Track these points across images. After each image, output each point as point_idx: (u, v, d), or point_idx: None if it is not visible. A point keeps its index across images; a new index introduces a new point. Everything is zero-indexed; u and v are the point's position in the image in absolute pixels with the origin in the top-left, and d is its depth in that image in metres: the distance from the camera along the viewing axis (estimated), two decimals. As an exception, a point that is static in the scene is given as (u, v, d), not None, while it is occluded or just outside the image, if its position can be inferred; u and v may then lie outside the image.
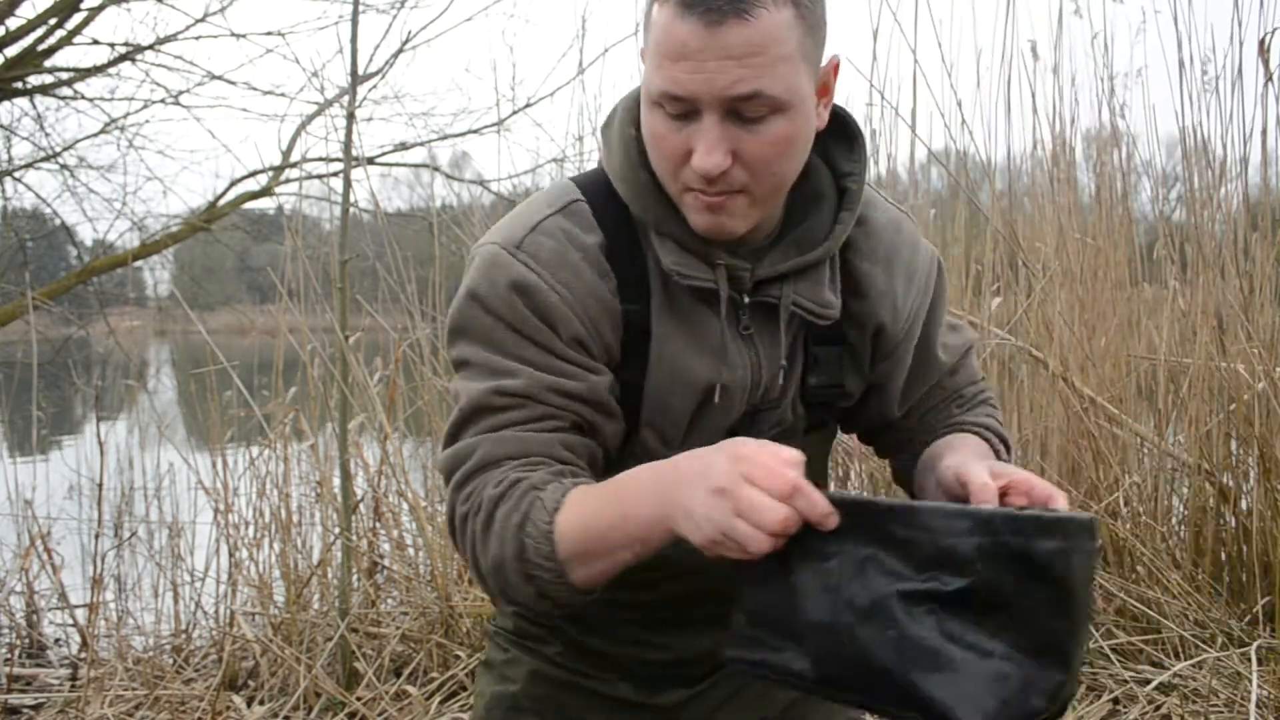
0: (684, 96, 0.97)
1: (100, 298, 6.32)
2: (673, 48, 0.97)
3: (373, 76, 4.81)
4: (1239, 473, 2.73)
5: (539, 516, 1.00)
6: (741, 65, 0.95)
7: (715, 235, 1.06)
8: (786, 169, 1.04)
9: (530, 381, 1.07)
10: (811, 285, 1.12)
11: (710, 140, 0.98)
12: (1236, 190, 2.94)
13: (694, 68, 0.96)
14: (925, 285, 1.21)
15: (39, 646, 3.14)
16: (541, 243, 1.09)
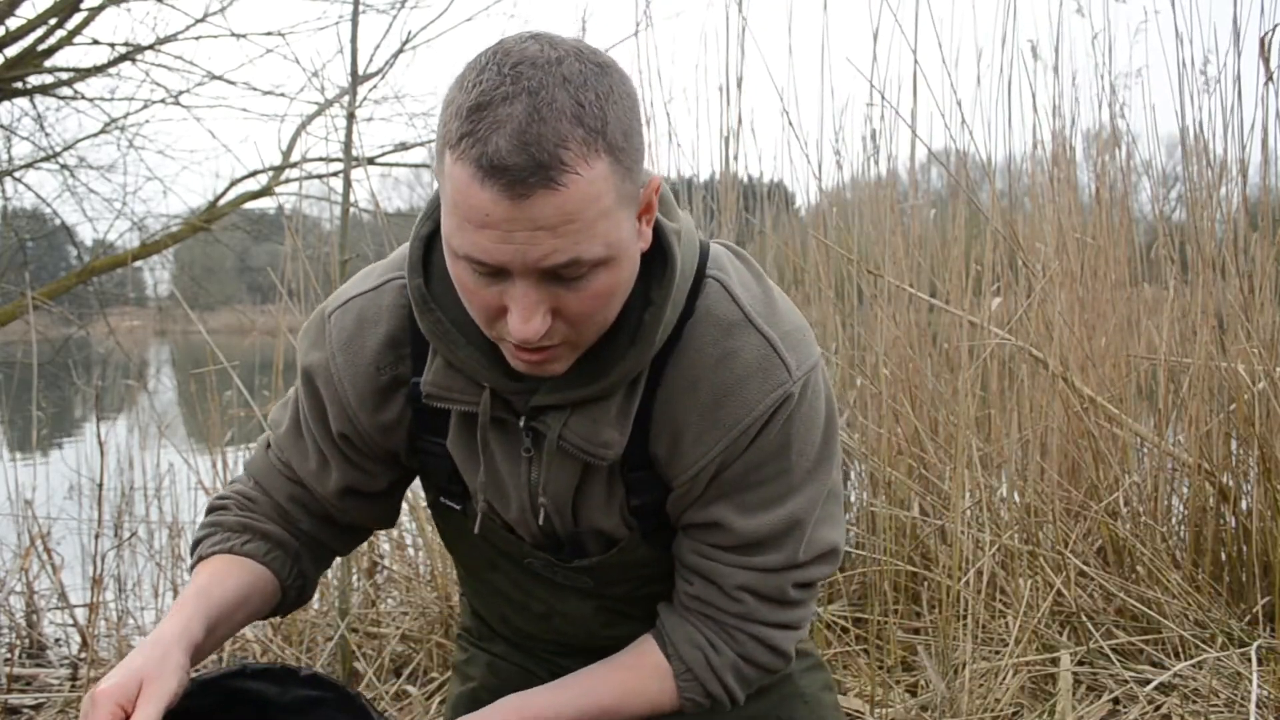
0: (491, 264, 0.88)
1: (100, 298, 6.31)
2: (472, 214, 0.86)
3: (373, 76, 4.81)
4: (1239, 473, 2.73)
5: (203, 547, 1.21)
6: (555, 236, 0.85)
7: (534, 375, 1.00)
8: (610, 314, 0.96)
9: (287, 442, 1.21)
10: (589, 421, 1.03)
11: (528, 306, 0.89)
12: (1236, 190, 2.93)
13: (500, 237, 0.86)
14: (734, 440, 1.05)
15: (39, 646, 3.14)
16: (341, 321, 1.13)
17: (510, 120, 0.83)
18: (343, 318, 1.12)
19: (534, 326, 0.90)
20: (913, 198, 3.40)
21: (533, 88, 0.84)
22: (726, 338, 1.04)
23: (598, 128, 0.85)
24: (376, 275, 1.14)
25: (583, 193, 0.85)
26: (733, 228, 3.28)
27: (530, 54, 0.86)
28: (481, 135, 0.83)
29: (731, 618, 1.12)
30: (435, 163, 0.93)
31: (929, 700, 2.27)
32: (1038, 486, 2.79)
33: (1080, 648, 2.43)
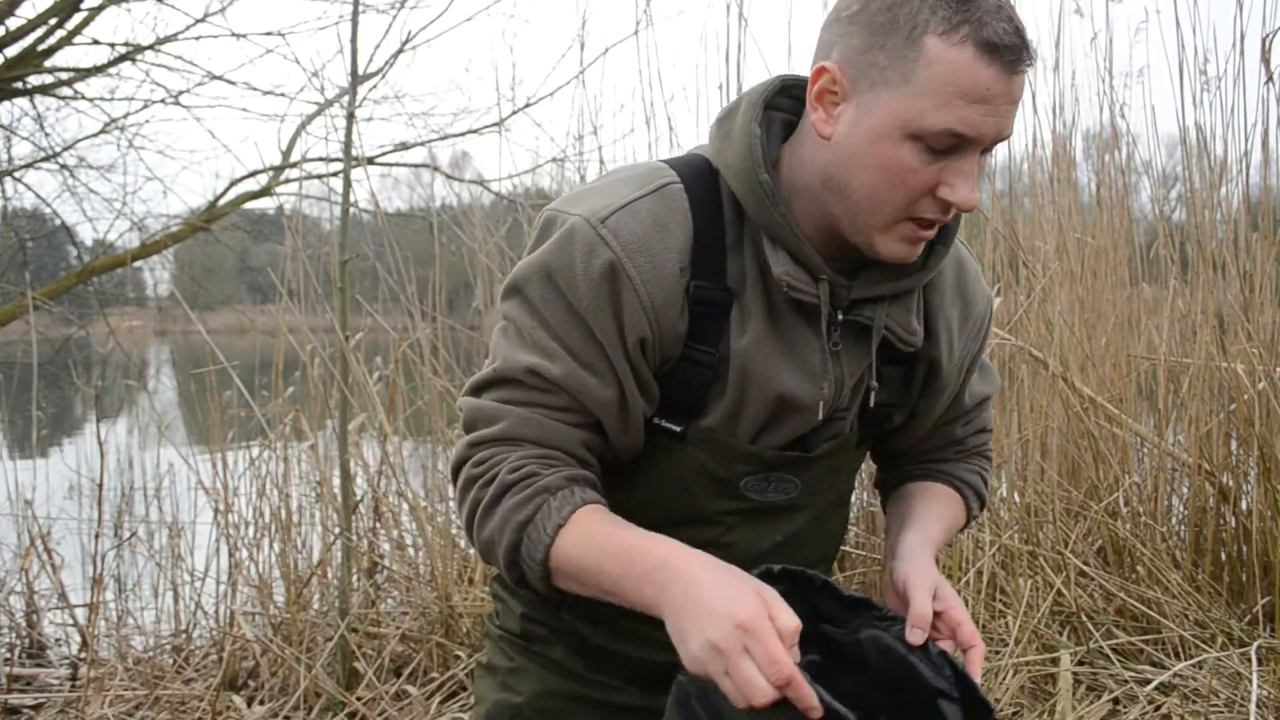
0: (971, 137, 0.98)
1: (100, 298, 6.32)
2: (971, 89, 0.96)
3: (373, 76, 4.81)
4: (1239, 473, 2.73)
5: (543, 524, 1.02)
6: (1009, 111, 0.99)
7: (899, 261, 1.07)
8: None
9: (568, 373, 1.06)
10: (903, 311, 1.14)
11: (974, 178, 1.01)
12: (1236, 190, 2.94)
13: (989, 110, 0.97)
14: (978, 330, 1.23)
15: (39, 646, 3.14)
16: (627, 224, 1.06)
17: (999, 11, 0.97)
18: (630, 220, 1.05)
19: (977, 194, 1.02)
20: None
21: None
22: (955, 249, 1.20)
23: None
24: (638, 182, 1.08)
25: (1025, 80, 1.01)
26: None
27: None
28: (981, 20, 0.96)
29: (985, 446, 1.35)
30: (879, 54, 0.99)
31: (929, 700, 2.27)
32: (1038, 486, 2.79)
33: (1080, 648, 2.43)
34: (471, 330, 3.66)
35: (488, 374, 1.10)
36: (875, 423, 1.21)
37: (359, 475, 3.04)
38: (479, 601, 2.71)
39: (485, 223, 3.71)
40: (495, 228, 3.69)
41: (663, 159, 1.14)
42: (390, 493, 3.11)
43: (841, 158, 1.02)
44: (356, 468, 3.01)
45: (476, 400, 1.10)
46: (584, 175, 3.66)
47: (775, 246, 1.08)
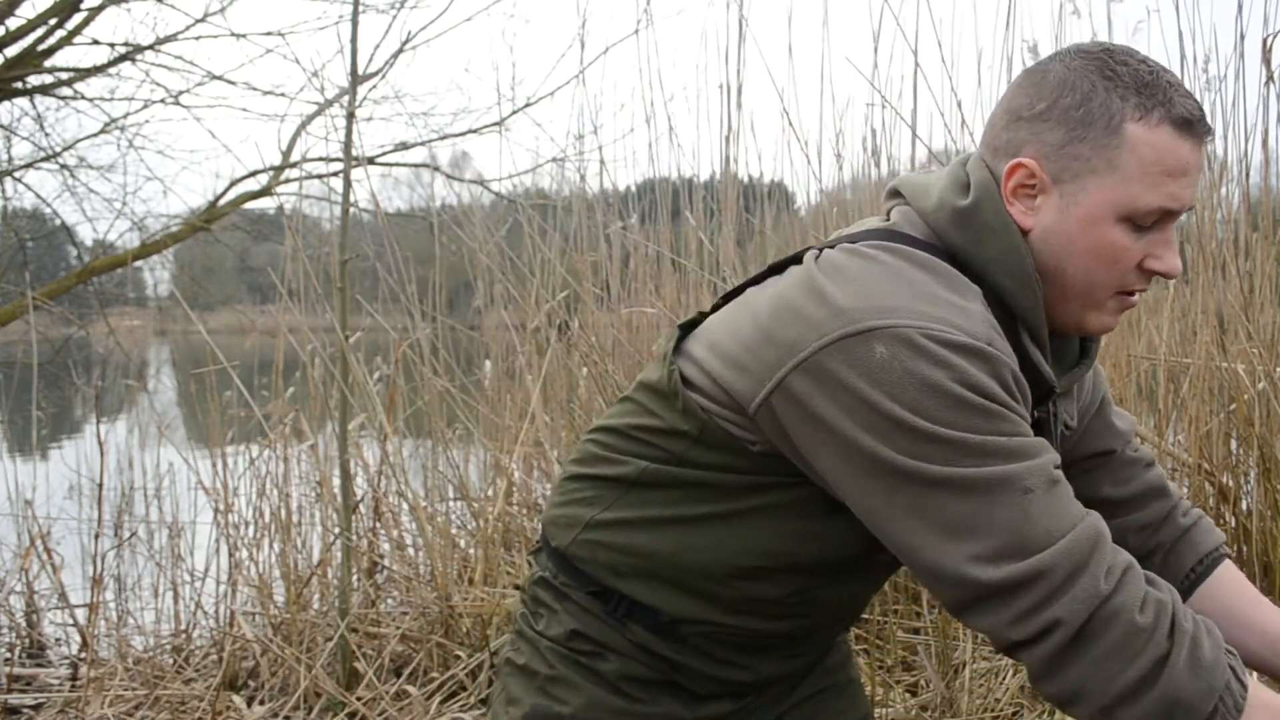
0: (1176, 210, 1.04)
1: (100, 298, 6.32)
2: (1174, 165, 1.02)
3: (373, 76, 4.82)
4: (1239, 473, 2.73)
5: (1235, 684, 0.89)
6: (1195, 182, 1.05)
7: (1107, 331, 1.12)
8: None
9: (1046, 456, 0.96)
10: (1070, 401, 1.18)
11: (1174, 246, 1.06)
12: (1236, 190, 2.94)
13: (1189, 182, 1.03)
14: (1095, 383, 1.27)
15: (39, 646, 3.14)
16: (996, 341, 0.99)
17: (1177, 87, 1.03)
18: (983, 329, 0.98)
19: (1179, 263, 1.07)
20: (913, 198, 3.40)
21: (1159, 68, 1.05)
22: None
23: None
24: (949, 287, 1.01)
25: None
26: (733, 228, 3.29)
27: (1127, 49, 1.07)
28: (1170, 100, 1.02)
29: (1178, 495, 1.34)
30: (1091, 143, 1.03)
31: (929, 700, 2.27)
32: (1038, 486, 2.78)
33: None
34: (472, 330, 3.66)
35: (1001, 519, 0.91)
36: None
37: (359, 475, 3.04)
38: (479, 601, 2.71)
39: (485, 223, 3.71)
40: (495, 228, 3.69)
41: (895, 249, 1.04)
42: (390, 493, 3.11)
43: (1052, 246, 1.06)
44: (356, 468, 3.01)
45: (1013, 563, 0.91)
46: (584, 175, 3.66)
47: (1034, 345, 1.09)
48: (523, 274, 3.43)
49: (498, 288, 3.54)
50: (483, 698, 2.51)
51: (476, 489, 3.42)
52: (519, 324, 3.43)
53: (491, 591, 2.72)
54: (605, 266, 3.44)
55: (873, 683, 2.29)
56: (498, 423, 3.37)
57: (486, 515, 2.98)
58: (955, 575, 0.92)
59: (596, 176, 5.47)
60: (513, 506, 3.21)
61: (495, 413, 3.41)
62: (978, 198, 1.07)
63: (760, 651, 1.19)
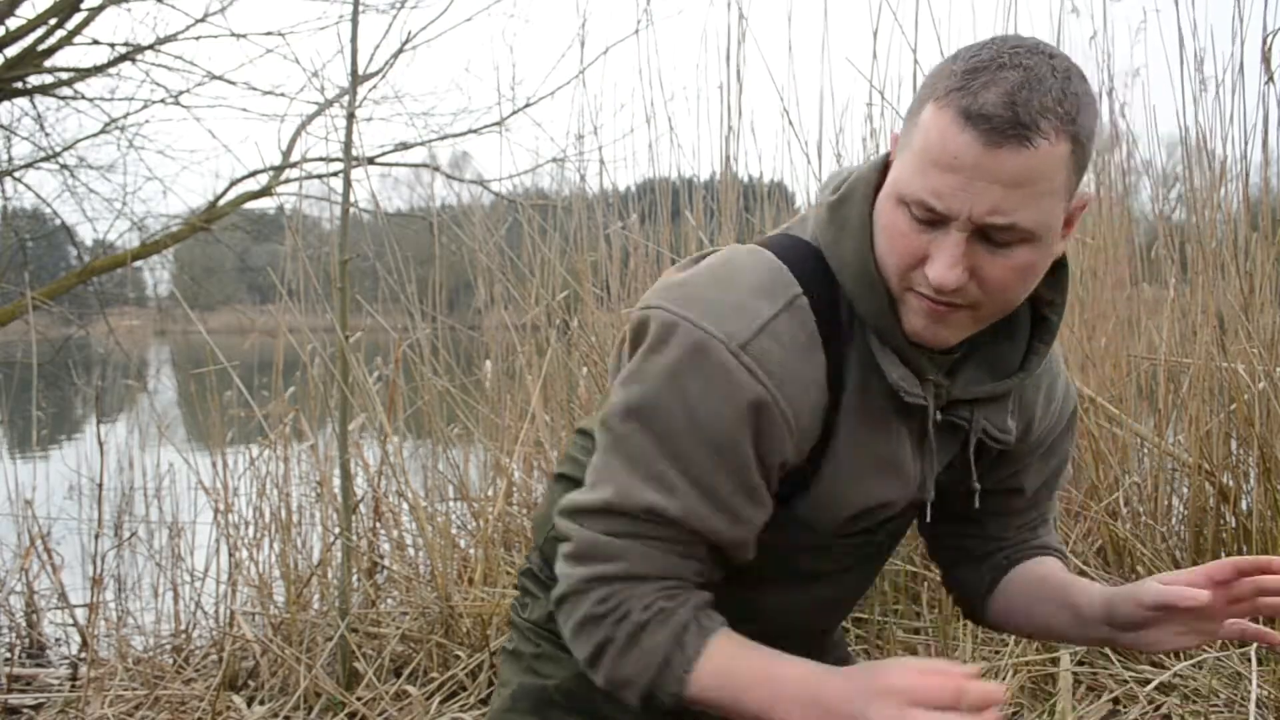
0: (940, 210, 0.94)
1: (100, 298, 6.32)
2: (943, 157, 0.93)
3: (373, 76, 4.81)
4: (1239, 473, 2.73)
5: (682, 661, 1.02)
6: (1006, 193, 0.93)
7: (926, 341, 1.03)
8: (1018, 295, 1.02)
9: (688, 511, 1.02)
10: (999, 412, 1.14)
11: (953, 256, 0.95)
12: (1236, 190, 2.93)
13: (961, 184, 0.93)
14: (1058, 419, 1.23)
15: (39, 646, 3.14)
16: (772, 352, 1.00)
17: (1003, 82, 0.92)
18: (774, 347, 1.01)
19: (955, 275, 0.96)
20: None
21: (1028, 65, 0.93)
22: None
23: (1071, 115, 0.94)
24: (766, 293, 1.03)
25: (1044, 163, 0.93)
26: (733, 228, 3.29)
27: (1028, 43, 0.96)
28: (973, 90, 0.92)
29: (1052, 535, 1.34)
30: (906, 122, 1.00)
31: (929, 700, 2.26)
32: (1038, 486, 2.78)
33: (1080, 648, 2.43)
34: (472, 330, 3.66)
35: (597, 501, 1.04)
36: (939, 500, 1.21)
37: (359, 475, 3.04)
38: (479, 601, 2.71)
39: (485, 223, 3.71)
40: (495, 228, 3.69)
41: (766, 243, 1.08)
42: (390, 493, 3.11)
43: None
44: (356, 468, 3.01)
45: (586, 533, 1.05)
46: (584, 175, 3.66)
47: (885, 350, 1.05)
48: (523, 274, 3.43)
49: (498, 288, 3.54)
50: (483, 698, 2.51)
51: (476, 489, 3.42)
52: (520, 324, 3.43)
53: (491, 591, 2.72)
54: (605, 266, 3.44)
55: (873, 683, 2.29)
56: (498, 423, 3.37)
57: (486, 515, 2.97)
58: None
59: (596, 176, 5.47)
60: (513, 506, 3.21)
61: (495, 413, 3.41)
62: (847, 192, 1.06)
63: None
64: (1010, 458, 1.21)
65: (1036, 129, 0.91)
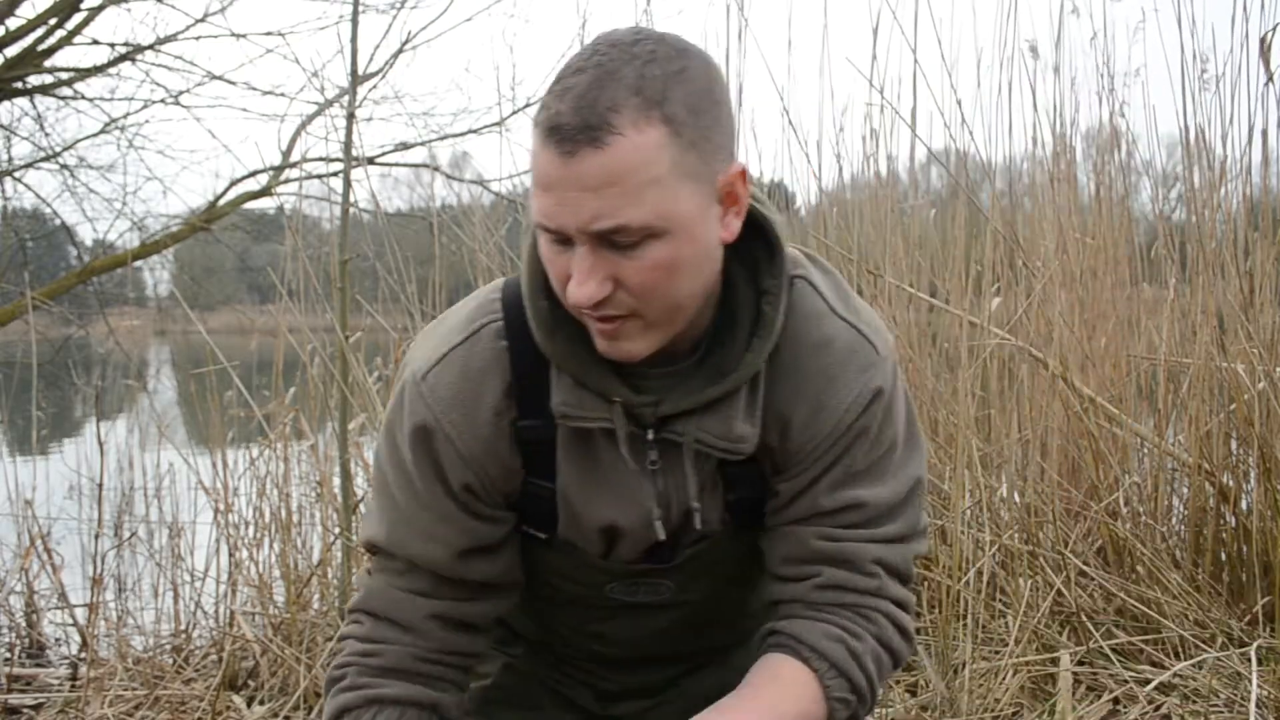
0: (552, 229, 0.94)
1: (100, 298, 6.32)
2: (540, 178, 0.93)
3: (373, 76, 4.81)
4: (1239, 473, 2.73)
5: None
6: (599, 197, 0.90)
7: (616, 358, 1.01)
8: (676, 292, 0.97)
9: (394, 537, 1.12)
10: (721, 420, 1.05)
11: (582, 271, 0.94)
12: (1236, 190, 2.93)
13: (557, 199, 0.92)
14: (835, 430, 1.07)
15: (39, 646, 3.14)
16: (442, 379, 1.08)
17: (573, 89, 0.91)
18: (444, 374, 1.08)
19: (588, 290, 0.94)
20: (913, 198, 3.40)
21: (603, 62, 0.91)
22: (819, 326, 1.09)
23: (655, 98, 0.90)
24: (461, 326, 1.10)
25: (628, 155, 0.90)
26: (733, 228, 3.28)
27: (614, 38, 0.94)
28: (549, 105, 0.91)
29: (868, 596, 1.11)
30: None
31: (929, 700, 2.27)
32: (1038, 486, 2.79)
33: (1080, 648, 2.43)
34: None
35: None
36: (747, 512, 1.14)
37: (359, 475, 3.04)
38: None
39: (485, 223, 3.70)
40: (495, 228, 3.68)
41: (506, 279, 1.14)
42: (390, 493, 3.10)
43: None
44: (356, 468, 3.01)
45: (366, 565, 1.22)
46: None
47: (561, 375, 1.06)
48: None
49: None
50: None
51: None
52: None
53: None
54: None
55: (873, 683, 2.29)
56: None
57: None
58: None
59: (596, 176, 5.45)
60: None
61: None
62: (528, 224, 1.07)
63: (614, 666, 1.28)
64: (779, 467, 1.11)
65: (608, 126, 0.89)
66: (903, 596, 1.13)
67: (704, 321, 1.06)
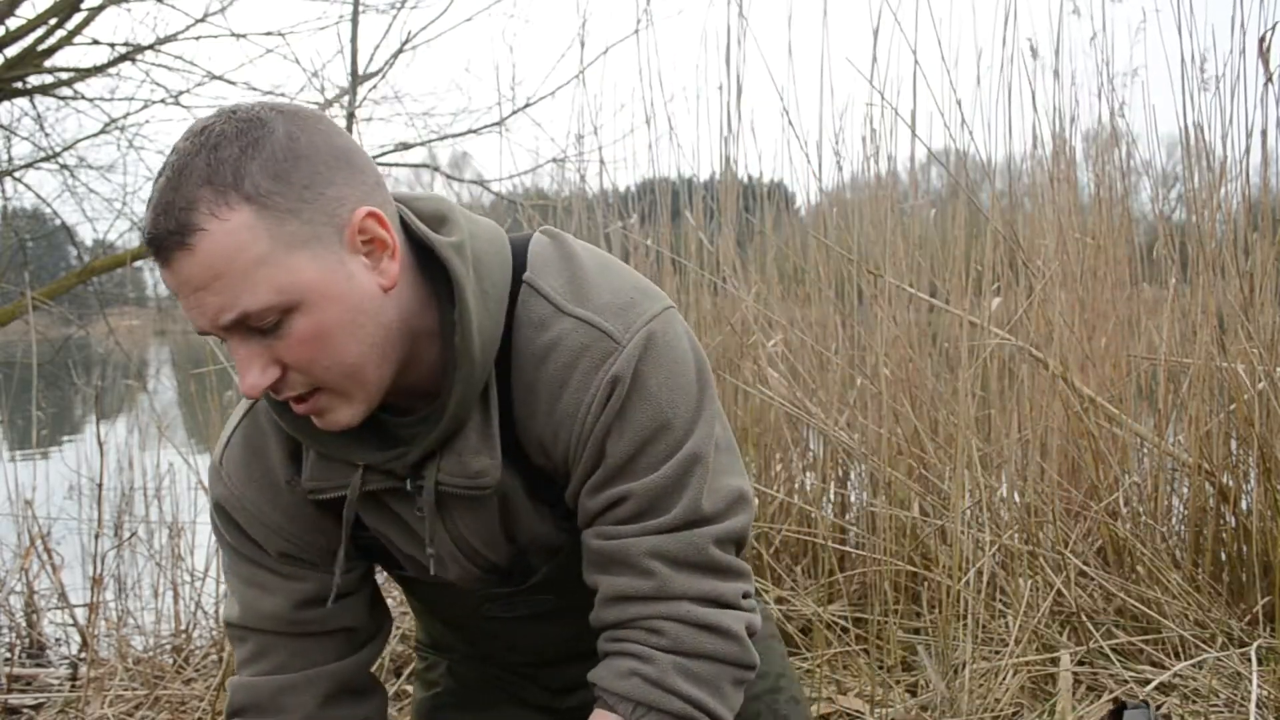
0: (199, 332, 0.96)
1: (100, 298, 6.31)
2: (167, 285, 0.95)
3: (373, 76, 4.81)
4: (1239, 473, 2.73)
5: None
6: (212, 293, 0.90)
7: (332, 429, 1.02)
8: (343, 356, 0.96)
9: (245, 609, 1.17)
10: (455, 457, 1.04)
11: (242, 362, 0.95)
12: (1236, 190, 2.93)
13: (185, 304, 0.93)
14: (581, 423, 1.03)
15: (39, 646, 3.14)
16: (232, 458, 1.15)
17: (155, 195, 0.90)
18: (232, 454, 1.15)
19: (250, 380, 0.94)
20: (913, 198, 3.40)
21: (175, 161, 0.90)
22: (542, 333, 1.03)
23: (229, 182, 0.89)
24: (242, 406, 1.18)
25: (218, 246, 0.88)
26: (733, 228, 3.29)
27: (191, 129, 0.92)
28: (145, 216, 0.91)
29: (649, 603, 1.04)
30: None
31: (929, 700, 2.27)
32: (1038, 486, 2.78)
33: (1080, 648, 2.43)
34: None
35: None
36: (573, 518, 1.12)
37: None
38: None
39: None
40: (495, 228, 3.68)
41: None
42: (390, 493, 3.10)
43: None
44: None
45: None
46: (584, 175, 3.66)
47: (307, 451, 1.10)
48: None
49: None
50: (483, 698, 2.51)
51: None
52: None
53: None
54: (605, 266, 3.44)
55: (873, 683, 2.29)
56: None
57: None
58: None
59: (596, 177, 5.47)
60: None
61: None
62: None
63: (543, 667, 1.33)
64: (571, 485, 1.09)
65: (189, 226, 0.88)
66: (698, 589, 1.04)
67: (429, 361, 1.03)
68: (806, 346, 3.18)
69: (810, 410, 2.95)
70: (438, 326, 1.02)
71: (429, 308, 1.02)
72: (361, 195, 0.95)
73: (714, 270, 3.27)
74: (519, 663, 1.33)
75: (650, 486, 1.03)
